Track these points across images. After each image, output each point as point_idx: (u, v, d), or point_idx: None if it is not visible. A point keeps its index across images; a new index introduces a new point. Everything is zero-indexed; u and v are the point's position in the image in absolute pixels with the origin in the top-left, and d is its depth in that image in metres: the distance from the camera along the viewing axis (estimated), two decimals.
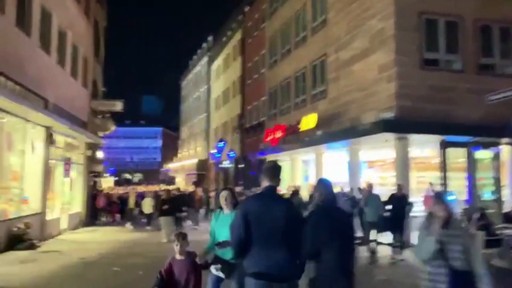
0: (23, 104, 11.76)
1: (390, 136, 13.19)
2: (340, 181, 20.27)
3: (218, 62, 39.96)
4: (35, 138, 14.02)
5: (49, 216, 15.20)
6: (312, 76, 18.80)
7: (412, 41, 13.18)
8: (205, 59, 44.84)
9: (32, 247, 11.80)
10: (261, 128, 26.43)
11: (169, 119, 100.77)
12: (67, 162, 17.40)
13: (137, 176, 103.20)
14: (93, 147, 22.12)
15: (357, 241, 5.95)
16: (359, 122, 14.54)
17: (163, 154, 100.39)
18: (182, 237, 4.62)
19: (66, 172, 17.22)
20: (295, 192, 13.73)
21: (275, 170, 3.83)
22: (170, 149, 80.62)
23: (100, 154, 32.40)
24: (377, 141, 13.96)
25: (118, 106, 21.45)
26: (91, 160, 21.59)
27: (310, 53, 19.04)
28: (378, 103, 13.73)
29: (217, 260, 4.62)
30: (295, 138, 18.94)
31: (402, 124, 12.53)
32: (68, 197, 17.95)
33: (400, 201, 10.61)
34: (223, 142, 23.88)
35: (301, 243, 3.61)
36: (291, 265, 3.55)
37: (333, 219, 3.78)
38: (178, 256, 4.59)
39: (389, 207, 10.64)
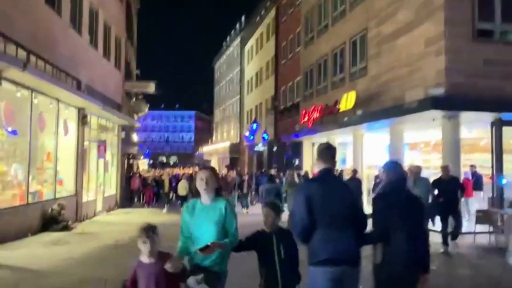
0: (56, 84, 11.56)
1: (438, 115, 12.18)
2: (379, 165, 19.46)
3: (251, 42, 39.16)
4: (68, 119, 13.92)
5: (84, 198, 15.20)
6: (352, 53, 17.79)
7: (463, 10, 12.00)
8: (237, 40, 44.11)
9: (66, 228, 11.73)
10: (296, 109, 25.64)
11: (203, 103, 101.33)
12: (101, 143, 17.34)
13: (172, 159, 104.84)
14: (127, 129, 22.11)
15: None
16: (402, 101, 13.56)
17: (197, 138, 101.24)
18: (151, 230, 3.29)
19: (101, 154, 17.18)
20: (355, 174, 13.26)
21: (331, 151, 3.64)
22: (205, 133, 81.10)
23: (135, 137, 32.70)
24: (423, 120, 12.96)
25: (151, 87, 21.20)
26: (126, 142, 21.57)
27: (349, 28, 17.99)
28: (424, 79, 12.69)
29: (197, 269, 3.39)
30: (333, 119, 18.10)
31: (452, 101, 11.46)
32: (103, 179, 17.97)
33: (449, 185, 9.51)
34: (256, 124, 23.28)
35: (364, 226, 3.54)
36: (358, 248, 3.46)
37: (402, 202, 3.62)
38: (145, 259, 3.31)
39: (435, 191, 9.71)
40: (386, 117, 13.97)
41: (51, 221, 11.60)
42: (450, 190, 9.38)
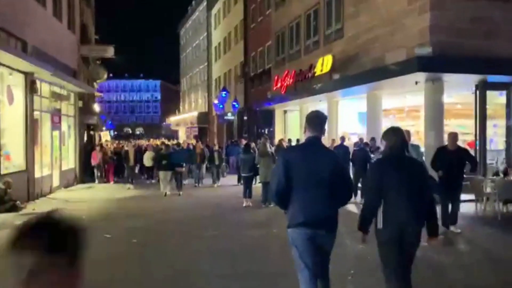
0: None
1: (421, 78, 11.40)
2: (355, 132, 18.78)
3: (218, 5, 37.19)
4: (13, 85, 12.28)
5: (37, 173, 13.78)
6: (326, 14, 16.69)
7: None
8: (203, 4, 41.90)
9: (14, 208, 10.40)
10: (267, 76, 24.50)
11: (168, 72, 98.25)
12: (56, 113, 15.76)
13: (138, 130, 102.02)
14: (86, 98, 20.42)
15: None
16: (383, 63, 12.70)
17: (163, 108, 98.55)
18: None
19: (55, 125, 15.62)
20: (343, 141, 12.93)
21: (319, 120, 3.68)
22: (171, 103, 78.79)
23: (96, 107, 30.73)
24: (406, 84, 12.18)
25: (110, 51, 19.43)
26: (84, 112, 19.92)
27: None
28: (407, 39, 11.82)
29: None
30: (307, 85, 17.13)
31: (438, 63, 10.68)
32: (59, 152, 16.46)
33: (456, 157, 7.56)
34: (225, 92, 22.02)
35: (349, 193, 3.73)
36: (336, 215, 3.54)
37: (402, 166, 3.66)
38: None
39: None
40: (364, 82, 13.08)
41: None
42: (455, 164, 7.58)
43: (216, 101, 23.41)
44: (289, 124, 23.02)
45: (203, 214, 10.39)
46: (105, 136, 33.78)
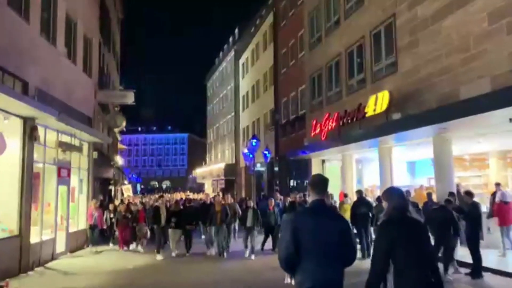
0: None
1: None
2: (412, 185, 15.97)
3: (246, 54, 36.01)
4: (8, 132, 10.30)
5: (35, 238, 11.49)
6: (373, 48, 14.47)
7: None
8: (231, 54, 41.01)
9: None
10: (301, 122, 22.23)
11: (195, 125, 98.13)
12: (64, 166, 13.71)
13: (165, 184, 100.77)
14: (107, 149, 18.52)
15: None
16: (456, 98, 10.17)
17: (190, 161, 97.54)
18: None
19: (63, 179, 13.51)
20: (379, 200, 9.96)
21: (323, 183, 3.70)
22: (198, 156, 77.69)
23: (118, 159, 29.00)
24: (490, 122, 9.55)
25: (130, 97, 17.66)
26: (100, 164, 17.90)
27: (368, 19, 14.73)
28: (490, 67, 9.34)
29: None
30: (353, 129, 14.63)
31: None
32: (68, 211, 14.26)
33: None
34: (255, 140, 19.73)
35: (351, 255, 3.58)
36: (341, 279, 3.50)
37: (409, 228, 3.52)
38: None
39: None
40: (434, 122, 10.46)
41: None
42: None
43: (245, 150, 21.09)
44: (328, 175, 20.32)
45: None
46: (127, 191, 31.82)
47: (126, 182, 31.69)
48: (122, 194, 29.91)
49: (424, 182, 16.31)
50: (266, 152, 20.99)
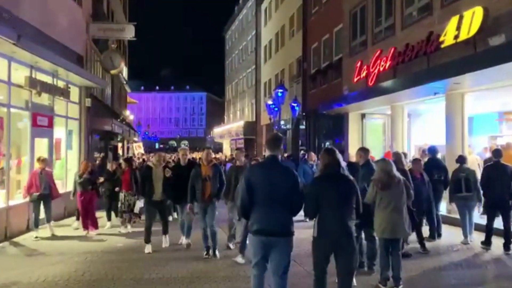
0: None
1: None
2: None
3: None
4: None
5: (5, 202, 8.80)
6: None
7: None
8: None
9: None
10: (336, 70, 18.69)
11: (214, 83, 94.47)
12: (42, 112, 10.80)
13: (183, 144, 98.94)
14: (112, 99, 15.53)
15: None
16: None
17: (209, 121, 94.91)
18: None
19: (38, 130, 10.62)
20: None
21: (276, 141, 4.37)
22: (218, 116, 74.93)
23: (129, 114, 26.20)
24: None
25: (129, 30, 14.38)
26: (97, 114, 14.94)
27: None
28: None
29: None
30: (414, 68, 11.14)
31: None
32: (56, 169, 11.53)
33: None
34: (282, 90, 16.41)
35: (298, 204, 4.18)
36: (289, 222, 4.13)
37: (334, 183, 4.27)
38: None
39: None
40: None
41: None
42: None
43: (269, 102, 17.80)
44: (369, 134, 17.03)
45: None
46: (138, 148, 29.19)
47: (136, 139, 28.96)
48: (133, 152, 27.34)
49: (484, 143, 12.90)
50: (295, 105, 17.65)
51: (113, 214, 10.58)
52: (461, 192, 8.08)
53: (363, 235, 6.29)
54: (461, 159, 8.19)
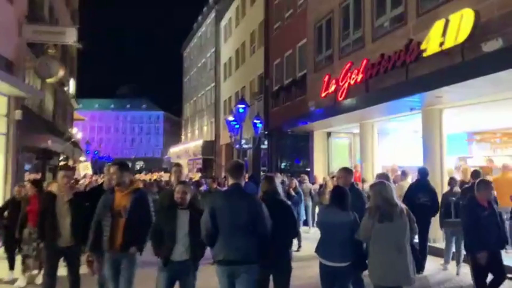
0: None
1: None
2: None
3: (230, 14, 30.91)
4: None
5: None
6: None
7: None
8: (211, 16, 35.82)
9: None
10: (300, 86, 17.72)
11: (171, 102, 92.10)
12: None
13: (138, 165, 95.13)
14: (57, 115, 13.55)
15: None
16: None
17: (166, 141, 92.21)
18: None
19: None
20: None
21: (239, 169, 4.25)
22: (175, 135, 72.75)
23: (75, 132, 23.98)
24: None
25: (70, 34, 12.65)
26: (30, 129, 12.94)
27: None
28: None
29: None
30: (389, 81, 10.18)
31: None
32: None
33: None
34: (243, 105, 15.12)
35: (263, 232, 4.03)
36: (252, 250, 3.96)
37: (276, 210, 4.27)
38: None
39: None
40: None
41: None
42: None
43: (230, 118, 16.43)
44: (335, 154, 16.00)
45: None
46: (85, 169, 26.78)
47: (82, 158, 26.58)
48: (78, 172, 24.94)
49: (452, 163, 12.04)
50: (257, 121, 16.32)
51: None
52: (450, 217, 7.18)
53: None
54: (453, 182, 7.16)
